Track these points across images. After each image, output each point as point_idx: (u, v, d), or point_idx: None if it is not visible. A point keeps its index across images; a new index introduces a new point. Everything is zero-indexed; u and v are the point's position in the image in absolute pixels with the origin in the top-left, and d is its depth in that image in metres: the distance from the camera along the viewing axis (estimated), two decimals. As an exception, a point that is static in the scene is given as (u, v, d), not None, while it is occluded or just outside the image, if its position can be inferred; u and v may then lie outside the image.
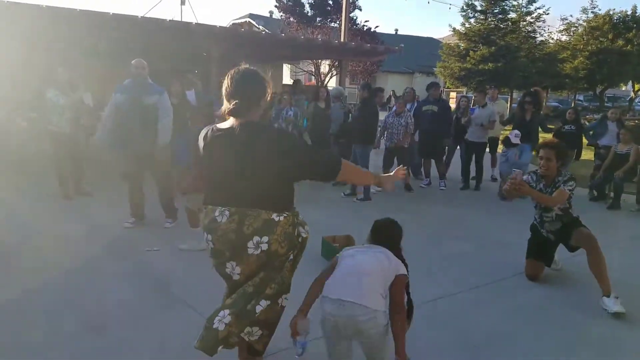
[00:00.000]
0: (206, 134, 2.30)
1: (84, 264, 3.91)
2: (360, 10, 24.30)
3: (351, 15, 24.29)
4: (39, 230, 4.64)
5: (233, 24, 30.39)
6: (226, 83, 2.21)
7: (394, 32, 37.27)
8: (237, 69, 2.23)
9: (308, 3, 23.81)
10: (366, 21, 26.81)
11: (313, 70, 23.55)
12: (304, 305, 2.35)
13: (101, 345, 2.79)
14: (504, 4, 23.66)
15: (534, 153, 6.46)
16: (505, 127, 8.57)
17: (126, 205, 5.00)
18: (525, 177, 3.92)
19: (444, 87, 24.68)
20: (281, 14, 24.77)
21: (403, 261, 2.45)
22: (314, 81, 24.02)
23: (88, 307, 3.23)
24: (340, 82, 11.71)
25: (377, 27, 26.04)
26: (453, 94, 24.83)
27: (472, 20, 24.36)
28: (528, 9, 23.58)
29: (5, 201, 5.38)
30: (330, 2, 23.38)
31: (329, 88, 10.01)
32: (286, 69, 29.01)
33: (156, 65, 6.36)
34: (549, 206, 3.86)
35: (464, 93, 20.64)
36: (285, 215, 2.21)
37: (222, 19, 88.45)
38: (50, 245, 4.27)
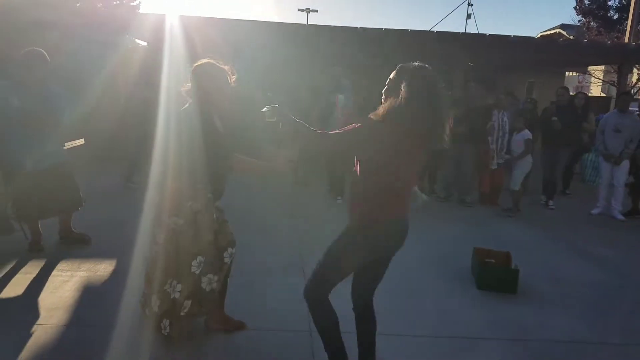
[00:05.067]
0: None
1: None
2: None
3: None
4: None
5: (541, 35, 29.20)
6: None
7: None
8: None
9: (614, 7, 20.79)
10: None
11: (616, 80, 20.36)
12: None
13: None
14: None
15: None
16: None
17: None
18: None
19: None
20: (580, 17, 22.48)
21: None
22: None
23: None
24: (620, 89, 10.32)
25: None
26: None
27: None
28: None
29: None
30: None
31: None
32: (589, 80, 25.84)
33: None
34: None
35: None
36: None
37: (533, 29, 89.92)
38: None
